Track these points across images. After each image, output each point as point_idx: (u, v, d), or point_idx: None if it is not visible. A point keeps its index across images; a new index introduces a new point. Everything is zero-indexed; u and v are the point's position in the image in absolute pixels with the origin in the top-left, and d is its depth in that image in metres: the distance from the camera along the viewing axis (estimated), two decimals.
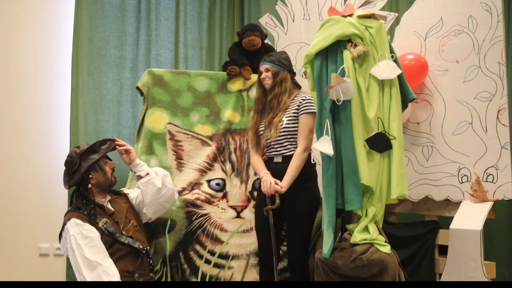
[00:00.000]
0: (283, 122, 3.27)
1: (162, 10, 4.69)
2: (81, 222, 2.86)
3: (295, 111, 3.28)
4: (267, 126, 3.31)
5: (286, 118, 3.28)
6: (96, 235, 2.84)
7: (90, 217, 2.89)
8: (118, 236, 2.91)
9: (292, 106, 3.30)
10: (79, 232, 2.83)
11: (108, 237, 2.89)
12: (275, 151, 3.32)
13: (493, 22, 3.33)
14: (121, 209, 3.06)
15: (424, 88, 3.58)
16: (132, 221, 3.02)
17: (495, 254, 4.12)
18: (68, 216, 2.92)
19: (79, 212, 2.91)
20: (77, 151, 2.99)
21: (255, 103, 3.46)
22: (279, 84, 3.31)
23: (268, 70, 3.34)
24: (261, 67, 3.39)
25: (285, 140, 3.29)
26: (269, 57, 3.38)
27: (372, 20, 3.16)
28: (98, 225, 2.88)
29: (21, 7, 4.42)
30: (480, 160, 3.34)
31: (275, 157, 3.32)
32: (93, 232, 2.84)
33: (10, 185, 4.32)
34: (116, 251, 2.89)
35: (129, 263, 2.91)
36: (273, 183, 3.17)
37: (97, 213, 2.93)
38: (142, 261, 2.93)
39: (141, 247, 2.94)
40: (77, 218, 2.88)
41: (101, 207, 2.99)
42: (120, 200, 3.13)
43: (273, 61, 3.35)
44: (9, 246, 4.29)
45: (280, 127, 3.26)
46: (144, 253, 2.94)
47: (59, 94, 4.45)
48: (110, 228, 2.90)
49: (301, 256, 3.25)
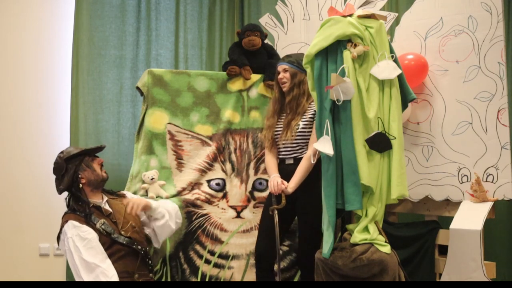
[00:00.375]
0: (299, 126, 3.29)
1: (162, 10, 4.69)
2: (78, 224, 2.86)
3: (311, 116, 3.30)
4: (285, 129, 3.31)
5: (302, 122, 3.30)
6: (93, 236, 2.84)
7: (87, 219, 2.89)
8: (116, 236, 2.91)
9: (309, 110, 3.32)
10: (76, 234, 2.83)
11: (106, 237, 2.89)
12: (287, 153, 3.33)
13: (493, 22, 3.33)
14: (120, 209, 3.06)
15: (424, 88, 3.58)
16: (130, 222, 3.02)
17: (495, 254, 4.12)
18: (66, 218, 2.92)
19: (76, 214, 2.91)
20: (61, 156, 3.01)
21: (272, 104, 3.45)
22: (297, 85, 3.32)
23: (286, 71, 3.34)
24: (279, 67, 3.38)
25: (297, 144, 3.31)
26: (288, 58, 3.38)
27: (372, 20, 3.16)
28: (95, 226, 2.88)
29: (21, 7, 4.42)
30: (480, 160, 3.34)
31: (286, 159, 3.34)
32: (90, 233, 2.84)
33: (10, 185, 4.32)
34: (115, 251, 2.89)
35: (128, 264, 2.91)
36: (279, 182, 3.18)
37: (94, 214, 2.93)
38: (141, 261, 2.93)
39: (140, 247, 2.94)
40: (74, 220, 2.88)
41: (98, 208, 2.99)
42: (119, 201, 3.12)
43: (291, 62, 3.34)
44: (9, 246, 4.29)
45: (296, 130, 3.27)
46: (143, 254, 2.94)
47: (59, 94, 4.45)
48: (108, 229, 2.89)
49: (313, 254, 3.26)
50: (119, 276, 2.82)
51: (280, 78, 3.36)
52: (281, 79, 3.35)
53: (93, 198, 3.02)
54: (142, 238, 3.05)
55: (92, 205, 2.97)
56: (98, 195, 3.05)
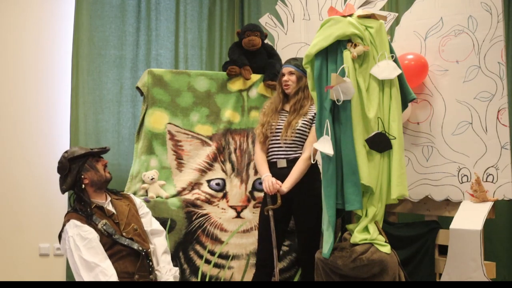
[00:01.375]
0: (298, 124, 3.29)
1: (162, 10, 4.69)
2: (80, 223, 2.87)
3: (311, 118, 3.31)
4: (286, 128, 3.30)
5: (302, 122, 3.31)
6: (94, 236, 2.84)
7: (89, 219, 2.90)
8: (118, 237, 2.91)
9: (310, 113, 3.33)
10: (77, 233, 2.84)
11: (108, 238, 2.89)
12: (281, 154, 3.31)
13: (493, 22, 3.33)
14: (123, 210, 3.06)
15: (424, 88, 3.58)
16: (132, 224, 3.02)
17: (495, 254, 4.12)
18: (68, 217, 2.93)
19: (78, 213, 2.91)
20: (65, 156, 3.01)
21: (272, 102, 3.45)
22: (302, 89, 3.34)
23: (292, 74, 3.35)
24: (284, 69, 3.39)
25: (294, 142, 3.30)
26: (294, 61, 3.39)
27: (372, 20, 3.16)
28: (97, 227, 2.89)
29: (21, 7, 4.42)
30: (480, 160, 3.34)
31: (278, 161, 3.32)
32: (91, 233, 2.85)
33: (10, 185, 4.32)
34: (116, 252, 2.89)
35: (129, 264, 2.91)
36: (274, 182, 3.18)
37: (96, 215, 2.93)
38: (142, 263, 2.93)
39: (141, 248, 2.94)
40: (76, 219, 2.88)
41: (101, 208, 2.99)
42: (123, 202, 3.13)
43: (298, 65, 3.35)
44: (9, 246, 4.29)
45: (295, 127, 3.28)
46: (144, 255, 2.94)
47: (59, 94, 4.45)
48: (109, 229, 2.90)
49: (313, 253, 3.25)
50: (119, 277, 2.82)
51: (285, 80, 3.36)
52: (286, 81, 3.36)
53: (96, 198, 3.02)
54: (144, 239, 3.05)
55: (94, 205, 2.98)
56: (102, 196, 3.05)
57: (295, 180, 3.22)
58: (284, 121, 3.36)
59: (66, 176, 2.98)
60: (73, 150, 3.05)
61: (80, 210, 2.93)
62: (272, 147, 3.36)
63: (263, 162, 3.36)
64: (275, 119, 3.38)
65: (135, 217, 3.08)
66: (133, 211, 3.11)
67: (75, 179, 2.98)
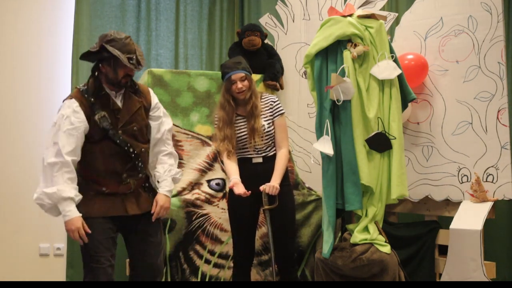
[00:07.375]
0: (264, 127, 3.17)
1: (162, 10, 4.69)
2: (78, 109, 2.75)
3: (270, 114, 3.20)
4: (251, 134, 3.16)
5: (265, 121, 3.18)
6: (82, 127, 2.73)
7: (91, 105, 2.77)
8: (112, 134, 2.78)
9: (264, 109, 3.21)
10: (68, 116, 2.73)
11: (100, 130, 2.77)
12: (257, 153, 3.20)
13: (493, 22, 3.33)
14: (131, 107, 2.86)
15: (424, 88, 3.58)
16: (134, 123, 2.84)
17: (495, 254, 4.11)
18: (75, 93, 2.80)
19: (84, 96, 2.77)
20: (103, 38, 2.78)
21: (226, 114, 3.21)
22: (254, 91, 3.19)
23: (244, 79, 3.16)
24: (234, 76, 3.14)
25: (266, 144, 3.20)
26: (240, 65, 3.17)
27: (372, 20, 3.16)
28: (94, 117, 2.76)
29: (21, 7, 4.42)
30: (480, 160, 3.35)
31: (254, 158, 3.21)
32: (81, 122, 2.73)
33: (10, 185, 4.32)
34: (105, 147, 2.78)
35: (118, 164, 2.79)
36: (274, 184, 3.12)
37: (99, 104, 2.79)
38: (132, 164, 2.80)
39: (131, 150, 2.80)
40: (78, 102, 2.76)
41: (107, 98, 2.82)
42: (137, 98, 2.90)
43: (244, 68, 3.18)
44: (9, 246, 4.29)
45: (263, 131, 3.16)
46: (134, 157, 2.81)
47: (59, 94, 4.45)
48: (104, 123, 2.76)
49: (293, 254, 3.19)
50: (107, 174, 2.77)
51: (239, 87, 3.14)
52: (240, 89, 3.15)
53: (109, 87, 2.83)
54: (139, 140, 2.87)
55: (103, 92, 2.82)
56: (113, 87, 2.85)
57: (281, 177, 3.13)
58: (244, 127, 3.20)
59: (93, 54, 2.80)
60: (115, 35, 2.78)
61: (88, 89, 2.79)
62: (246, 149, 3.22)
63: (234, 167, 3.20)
64: (233, 129, 3.21)
65: (142, 117, 2.90)
66: (142, 110, 2.91)
67: (96, 61, 2.82)
